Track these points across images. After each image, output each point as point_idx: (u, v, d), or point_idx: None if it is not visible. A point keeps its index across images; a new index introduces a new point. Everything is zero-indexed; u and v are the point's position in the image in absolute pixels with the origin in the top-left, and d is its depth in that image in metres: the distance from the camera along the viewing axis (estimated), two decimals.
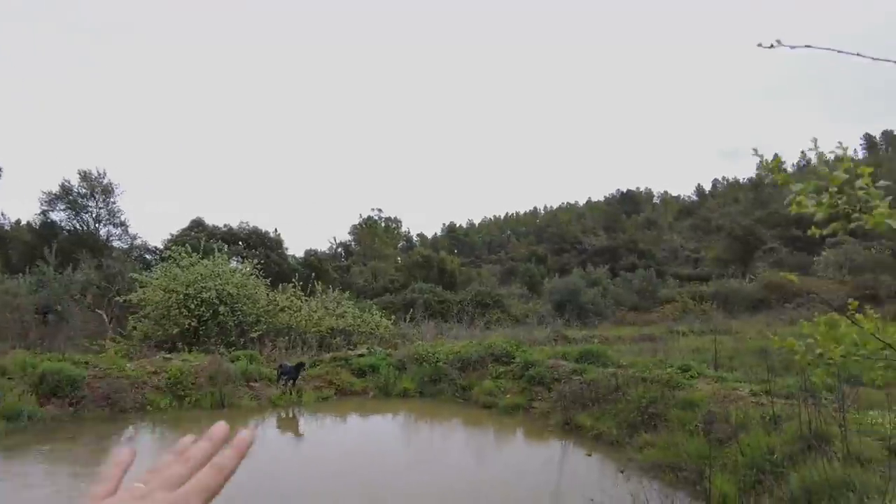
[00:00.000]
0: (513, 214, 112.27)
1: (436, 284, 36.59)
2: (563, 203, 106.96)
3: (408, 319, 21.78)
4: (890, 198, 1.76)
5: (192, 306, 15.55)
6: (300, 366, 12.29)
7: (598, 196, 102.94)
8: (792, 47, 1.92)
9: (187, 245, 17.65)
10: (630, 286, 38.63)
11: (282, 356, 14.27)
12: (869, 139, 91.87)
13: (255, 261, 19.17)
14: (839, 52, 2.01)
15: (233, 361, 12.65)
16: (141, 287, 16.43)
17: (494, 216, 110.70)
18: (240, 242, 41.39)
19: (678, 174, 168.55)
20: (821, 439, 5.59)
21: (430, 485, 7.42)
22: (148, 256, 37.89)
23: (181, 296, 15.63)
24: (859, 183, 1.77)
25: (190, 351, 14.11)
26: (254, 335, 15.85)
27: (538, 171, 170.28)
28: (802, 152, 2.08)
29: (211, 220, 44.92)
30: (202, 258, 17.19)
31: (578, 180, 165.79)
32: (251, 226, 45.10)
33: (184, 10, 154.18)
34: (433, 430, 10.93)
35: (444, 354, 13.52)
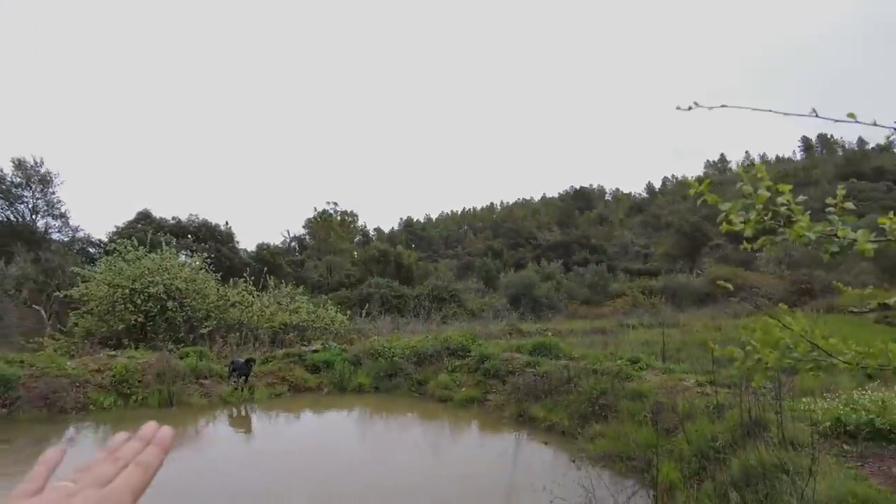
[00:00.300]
0: (470, 209, 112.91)
1: (393, 279, 36.44)
2: (519, 199, 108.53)
3: (364, 314, 21.62)
4: (809, 211, 1.90)
5: (139, 301, 14.97)
6: (250, 361, 12.03)
7: (553, 192, 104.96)
8: (710, 108, 2.06)
9: (133, 238, 16.98)
10: (582, 280, 39.53)
11: (233, 352, 13.93)
12: (806, 141, 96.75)
13: (205, 255, 18.58)
14: (753, 109, 2.15)
15: (182, 358, 12.26)
16: (84, 282, 15.71)
17: (452, 211, 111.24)
18: (189, 236, 40.11)
19: (630, 172, 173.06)
20: (759, 426, 5.86)
21: (385, 480, 7.40)
22: (91, 250, 36.28)
23: (127, 291, 15.02)
24: (780, 199, 1.91)
25: (136, 348, 13.61)
26: (204, 331, 15.40)
27: (495, 167, 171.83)
28: (746, 152, 2.18)
29: (159, 212, 43.33)
30: (149, 252, 16.57)
31: (534, 176, 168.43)
32: (201, 218, 43.70)
33: None
34: (388, 425, 10.90)
35: (400, 349, 13.49)
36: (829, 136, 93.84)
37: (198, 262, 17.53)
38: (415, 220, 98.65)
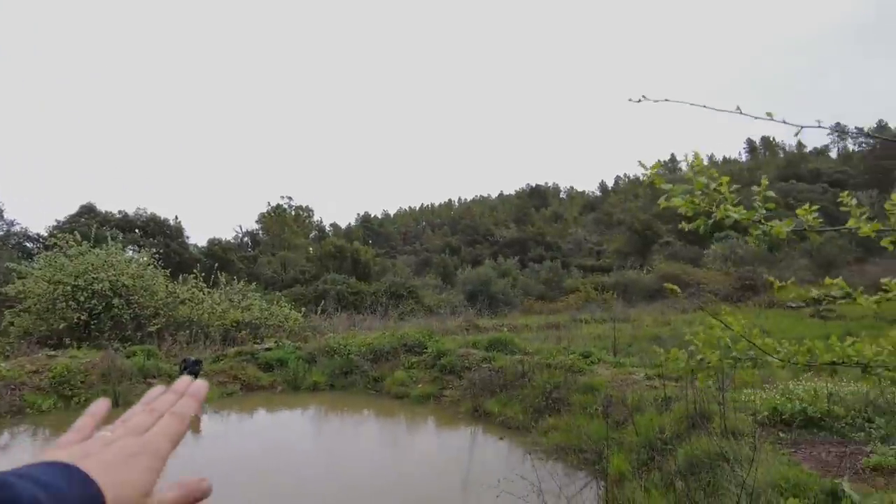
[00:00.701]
0: (428, 206, 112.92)
1: (349, 275, 36.07)
2: (476, 196, 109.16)
3: (319, 311, 21.33)
4: (741, 197, 2.12)
5: (82, 299, 14.33)
6: (199, 362, 11.71)
7: (510, 190, 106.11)
8: (655, 101, 2.22)
9: (76, 232, 16.23)
10: (537, 277, 40.16)
11: (183, 351, 13.53)
12: (750, 143, 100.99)
13: (154, 250, 17.97)
14: (691, 104, 2.32)
15: (128, 357, 11.83)
16: (20, 278, 14.92)
17: (410, 207, 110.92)
18: (136, 230, 38.67)
19: (584, 170, 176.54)
20: (703, 417, 6.12)
21: (340, 477, 7.35)
22: (28, 244, 34.47)
23: (69, 288, 14.34)
24: (713, 185, 2.11)
25: (79, 347, 13.03)
26: (152, 329, 14.88)
27: (454, 164, 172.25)
28: (695, 153, 2.33)
29: (104, 206, 41.61)
30: (93, 247, 15.87)
31: (492, 174, 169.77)
32: (149, 212, 42.20)
33: None
34: (344, 423, 10.81)
35: (357, 346, 13.40)
36: (771, 139, 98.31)
37: (146, 258, 16.91)
38: (372, 215, 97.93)
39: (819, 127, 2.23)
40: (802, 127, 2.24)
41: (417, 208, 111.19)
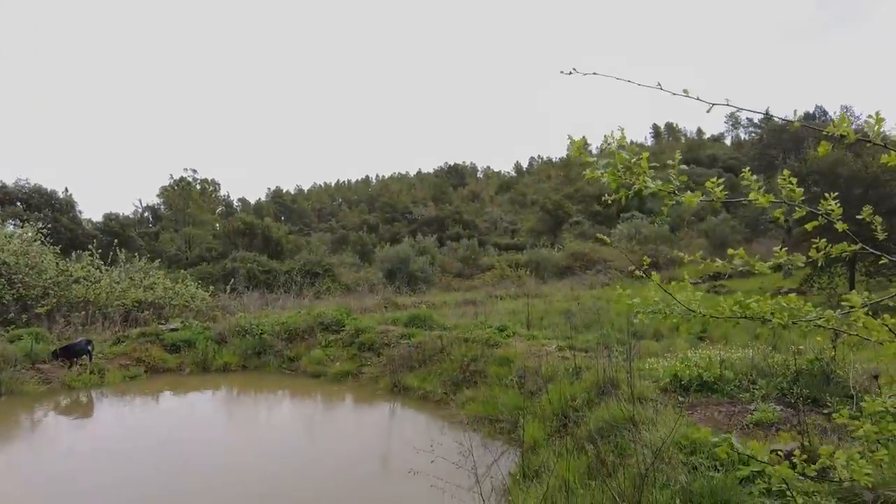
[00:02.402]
0: (344, 182, 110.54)
1: (260, 253, 34.76)
2: (395, 173, 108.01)
3: (228, 290, 20.40)
4: (653, 174, 2.35)
5: None
6: (88, 342, 10.88)
7: (428, 168, 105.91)
8: (584, 74, 2.37)
9: None
10: (455, 255, 40.68)
11: (78, 333, 12.47)
12: (656, 129, 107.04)
13: (40, 225, 16.30)
14: (617, 78, 2.44)
15: (12, 342, 10.75)
16: None
17: (325, 183, 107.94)
18: (18, 203, 34.97)
19: (499, 151, 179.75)
20: (612, 385, 6.47)
21: (254, 460, 7.11)
22: None
23: None
24: (634, 159, 2.32)
25: None
26: (40, 311, 13.58)
27: (371, 140, 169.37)
28: (605, 136, 2.47)
29: None
30: None
31: (410, 151, 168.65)
32: (33, 184, 38.29)
33: None
34: (257, 404, 10.48)
35: (270, 326, 12.97)
36: (674, 125, 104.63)
37: (30, 233, 15.34)
38: (284, 190, 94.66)
39: (727, 105, 2.36)
40: (713, 104, 2.36)
41: (333, 184, 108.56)
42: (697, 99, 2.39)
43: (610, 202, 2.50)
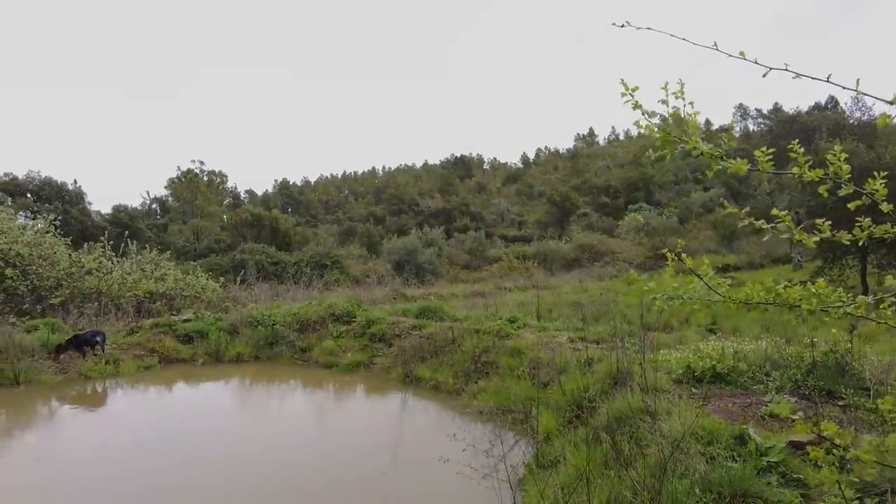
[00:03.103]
0: (351, 173, 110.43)
1: (268, 245, 34.90)
2: (401, 164, 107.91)
3: (238, 282, 20.54)
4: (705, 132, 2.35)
5: None
6: (96, 333, 11.01)
7: (435, 159, 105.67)
8: (637, 28, 2.36)
9: None
10: (462, 247, 40.69)
11: (91, 324, 12.61)
12: (663, 119, 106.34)
13: (52, 216, 16.44)
14: (671, 35, 2.39)
15: (28, 332, 10.89)
16: None
17: (332, 175, 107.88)
18: (28, 195, 35.24)
19: (506, 142, 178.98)
20: (625, 376, 6.50)
21: (269, 448, 7.20)
22: None
23: None
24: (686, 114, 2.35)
25: None
26: (55, 301, 13.73)
27: (377, 132, 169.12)
28: (612, 127, 2.48)
29: None
30: None
31: (416, 142, 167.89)
32: (43, 176, 38.52)
33: None
34: (270, 394, 10.57)
35: (282, 316, 13.07)
36: (682, 115, 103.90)
37: (42, 225, 15.48)
38: (291, 182, 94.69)
39: (786, 70, 2.29)
40: (770, 69, 2.31)
41: (339, 176, 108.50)
42: (755, 62, 2.33)
43: (653, 159, 2.48)
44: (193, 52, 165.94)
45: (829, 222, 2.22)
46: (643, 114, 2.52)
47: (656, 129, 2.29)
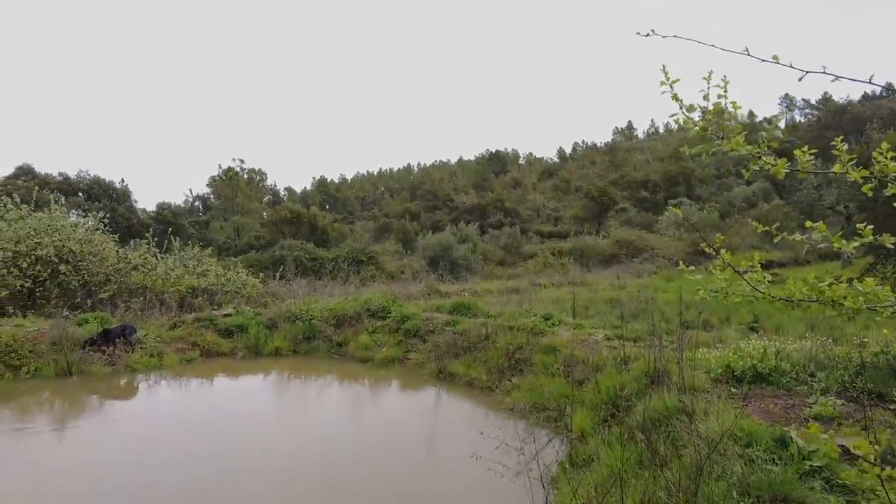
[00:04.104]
0: (387, 170, 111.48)
1: (306, 241, 35.52)
2: (436, 161, 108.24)
3: (277, 277, 20.99)
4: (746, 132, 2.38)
5: (25, 265, 13.64)
6: (125, 328, 11.40)
7: (469, 155, 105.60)
8: (664, 36, 2.39)
9: (14, 195, 15.30)
10: (497, 243, 40.53)
11: (137, 318, 13.11)
12: (703, 111, 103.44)
13: (101, 214, 17.14)
14: (699, 42, 2.38)
15: (80, 325, 11.39)
16: None
17: (368, 171, 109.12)
18: (79, 193, 36.84)
19: (542, 137, 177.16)
20: (662, 375, 6.38)
21: (306, 440, 7.36)
22: None
23: (10, 253, 13.61)
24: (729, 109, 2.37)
25: (24, 315, 12.46)
26: (104, 296, 14.33)
27: (413, 129, 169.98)
28: (652, 120, 2.46)
29: (42, 167, 39.39)
30: (34, 211, 15.05)
31: (451, 138, 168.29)
32: (92, 175, 40.19)
33: None
34: (308, 387, 10.79)
35: (319, 312, 13.30)
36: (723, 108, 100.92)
37: (92, 223, 16.17)
38: (329, 179, 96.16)
39: (823, 73, 2.23)
40: (807, 72, 2.25)
41: (375, 173, 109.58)
42: (790, 66, 2.27)
43: (688, 154, 2.54)
44: (236, 50, 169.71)
45: (879, 217, 2.12)
46: (681, 108, 2.48)
47: (694, 125, 2.26)
